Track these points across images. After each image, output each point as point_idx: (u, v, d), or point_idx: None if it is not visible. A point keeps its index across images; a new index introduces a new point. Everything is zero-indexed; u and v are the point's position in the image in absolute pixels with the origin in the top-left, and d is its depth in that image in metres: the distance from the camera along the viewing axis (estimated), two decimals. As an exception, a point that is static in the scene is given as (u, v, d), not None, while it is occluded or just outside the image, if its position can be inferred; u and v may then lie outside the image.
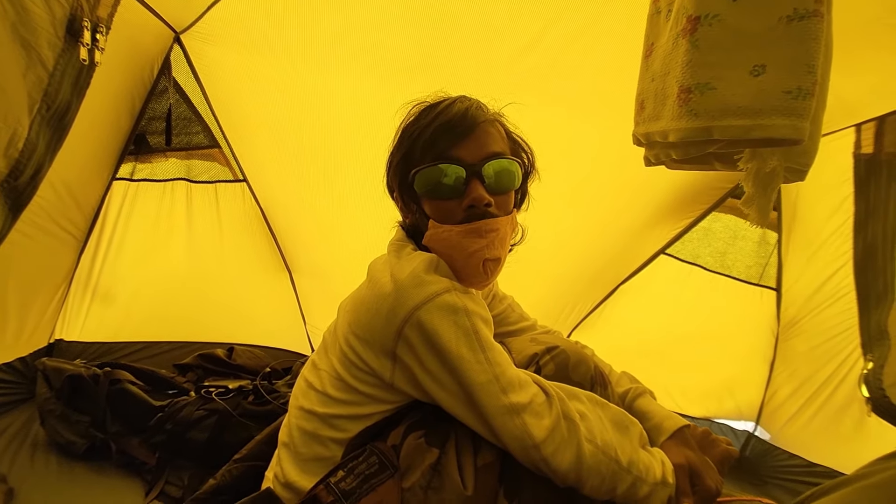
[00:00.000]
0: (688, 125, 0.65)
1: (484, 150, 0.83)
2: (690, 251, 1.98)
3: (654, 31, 0.79)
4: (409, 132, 0.87)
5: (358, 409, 0.81)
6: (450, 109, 0.84)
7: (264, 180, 1.87)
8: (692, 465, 0.82)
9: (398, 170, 0.88)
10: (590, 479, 0.73)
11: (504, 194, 0.85)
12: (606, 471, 0.73)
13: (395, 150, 0.90)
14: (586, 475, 0.72)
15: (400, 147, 0.88)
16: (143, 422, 1.47)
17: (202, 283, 1.94)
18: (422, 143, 0.83)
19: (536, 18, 1.36)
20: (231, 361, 1.85)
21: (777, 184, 0.68)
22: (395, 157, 0.89)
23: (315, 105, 1.65)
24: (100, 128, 1.50)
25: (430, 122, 0.84)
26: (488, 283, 0.88)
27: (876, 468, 0.59)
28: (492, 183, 0.82)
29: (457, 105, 0.84)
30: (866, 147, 1.46)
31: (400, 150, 0.88)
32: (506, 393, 0.72)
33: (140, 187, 1.74)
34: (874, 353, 1.52)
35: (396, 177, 0.89)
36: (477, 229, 0.81)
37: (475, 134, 0.82)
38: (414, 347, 0.73)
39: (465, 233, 0.81)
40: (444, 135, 0.82)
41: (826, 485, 0.60)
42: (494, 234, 0.82)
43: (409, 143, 0.86)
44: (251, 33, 1.46)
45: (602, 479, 0.73)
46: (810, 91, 0.59)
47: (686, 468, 0.82)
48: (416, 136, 0.85)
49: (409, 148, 0.86)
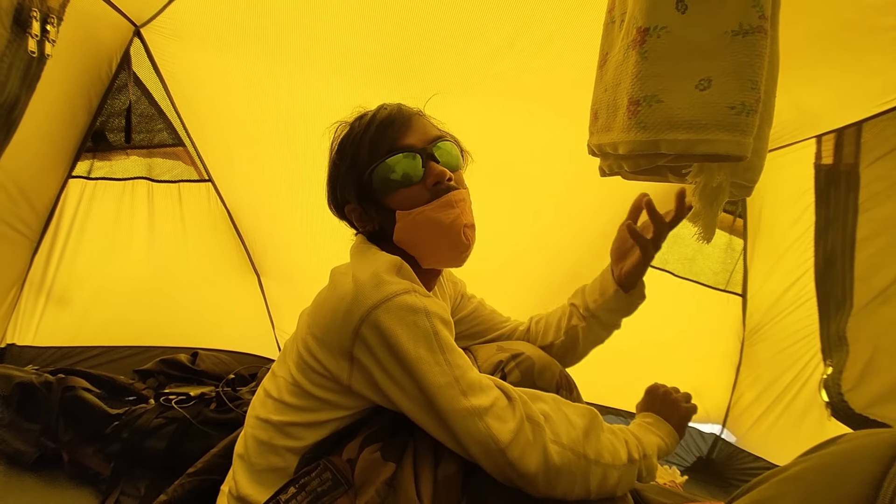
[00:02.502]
0: (636, 137, 0.65)
1: (428, 135, 0.87)
2: (660, 257, 1.99)
3: (608, 41, 0.79)
4: (349, 142, 0.88)
5: (314, 415, 0.78)
6: (381, 111, 0.88)
7: (231, 180, 1.82)
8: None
9: (348, 179, 0.88)
10: (560, 479, 0.71)
11: (457, 171, 0.89)
12: (577, 468, 0.72)
13: (337, 164, 0.91)
14: (555, 476, 0.71)
15: (343, 159, 0.89)
16: (98, 430, 1.42)
17: (165, 285, 1.88)
18: (367, 144, 0.85)
19: (507, 23, 1.36)
20: (194, 367, 1.80)
21: (723, 199, 0.69)
22: (341, 169, 0.89)
23: (283, 105, 1.62)
24: (53, 123, 1.43)
25: (368, 125, 0.86)
26: (468, 254, 0.90)
27: (793, 462, 0.61)
28: (445, 161, 0.86)
29: (385, 107, 0.89)
30: (826, 158, 1.50)
31: (344, 162, 0.89)
32: (466, 395, 0.70)
33: (98, 186, 1.67)
34: (833, 358, 1.56)
35: (348, 187, 0.89)
36: (448, 201, 0.84)
37: (414, 123, 0.87)
38: (371, 348, 0.71)
39: (439, 207, 0.84)
40: (387, 130, 0.85)
41: (751, 482, 0.62)
42: (463, 202, 0.86)
43: (352, 151, 0.87)
44: (216, 29, 1.42)
45: (573, 478, 0.72)
46: (753, 107, 0.59)
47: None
48: (357, 141, 0.86)
49: (353, 155, 0.87)
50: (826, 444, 0.65)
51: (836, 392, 1.54)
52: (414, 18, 1.36)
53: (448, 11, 1.35)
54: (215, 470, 0.97)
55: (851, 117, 1.40)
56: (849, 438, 0.63)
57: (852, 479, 0.53)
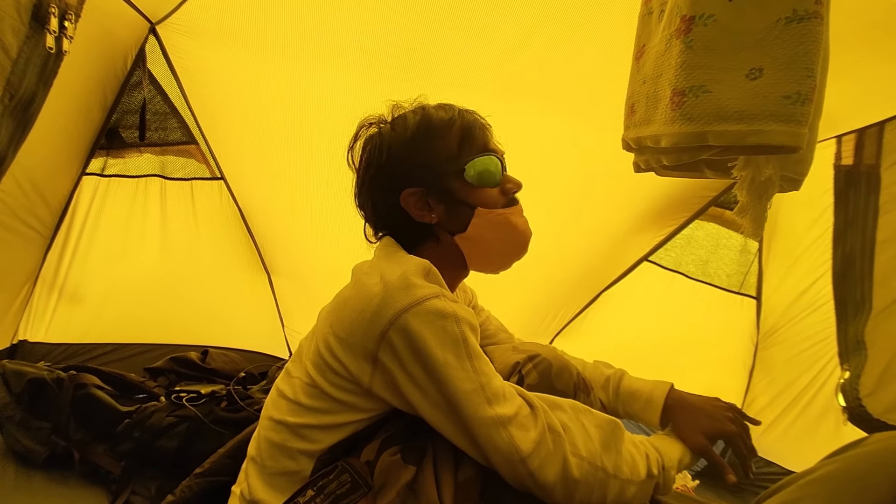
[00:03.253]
0: (681, 129, 0.62)
1: (498, 145, 0.91)
2: (673, 259, 1.99)
3: (645, 32, 0.77)
4: (420, 128, 0.85)
5: (331, 417, 0.77)
6: (464, 110, 0.89)
7: (243, 179, 1.82)
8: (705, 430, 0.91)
9: (415, 165, 0.85)
10: (577, 491, 0.71)
11: None
12: (594, 480, 0.72)
13: (395, 148, 0.86)
14: (573, 487, 0.70)
15: (410, 144, 0.85)
16: (109, 429, 1.41)
17: (176, 283, 1.87)
18: (456, 137, 0.85)
19: (523, 21, 1.34)
20: (205, 365, 1.79)
21: (772, 193, 0.66)
22: (401, 153, 0.85)
23: (297, 104, 1.61)
24: (69, 120, 1.43)
25: (452, 119, 0.87)
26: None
27: (819, 465, 0.61)
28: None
29: (456, 107, 0.90)
30: (846, 159, 1.48)
31: (410, 147, 0.85)
32: (491, 404, 0.70)
33: (111, 183, 1.67)
34: (851, 362, 1.54)
35: (413, 172, 0.85)
36: (519, 209, 0.90)
37: (491, 131, 0.91)
38: (397, 351, 0.70)
39: (517, 212, 0.89)
40: (477, 129, 0.87)
41: (775, 485, 0.61)
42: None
43: (428, 139, 0.85)
44: (231, 27, 1.42)
45: (591, 490, 0.72)
46: (809, 96, 0.57)
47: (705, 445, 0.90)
48: (438, 131, 0.85)
49: (430, 143, 0.85)
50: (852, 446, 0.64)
51: (854, 397, 1.52)
52: (427, 16, 1.35)
53: (462, 10, 1.34)
54: (223, 471, 0.96)
55: (873, 117, 1.38)
56: (875, 440, 0.62)
57: (880, 481, 0.53)
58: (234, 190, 1.84)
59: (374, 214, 0.90)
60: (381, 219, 0.90)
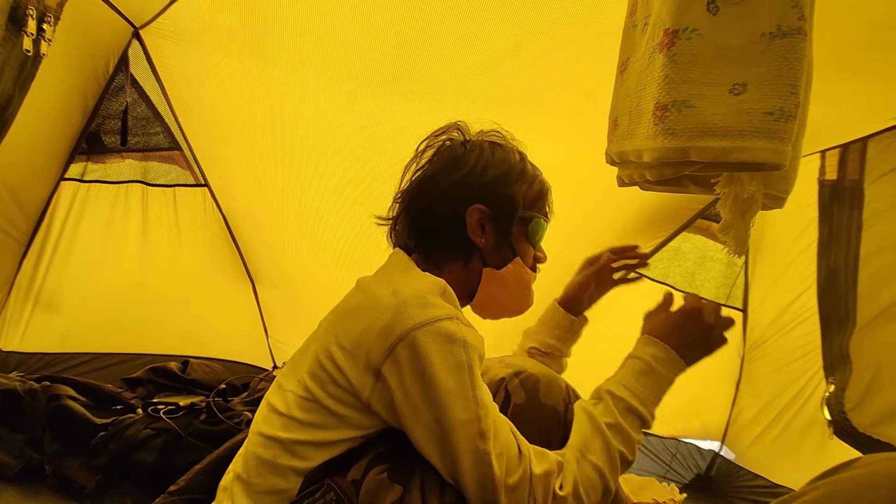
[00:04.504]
0: (664, 144, 0.62)
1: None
2: (661, 271, 1.99)
3: (629, 45, 0.77)
4: (520, 169, 0.89)
5: (325, 433, 0.74)
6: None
7: (227, 186, 1.80)
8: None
9: (504, 198, 0.86)
10: None
11: None
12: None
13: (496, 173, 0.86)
14: None
15: (510, 177, 0.87)
16: (83, 441, 1.38)
17: (157, 291, 1.84)
18: (538, 191, 0.90)
19: (510, 31, 1.34)
20: (185, 376, 1.75)
21: (755, 210, 0.66)
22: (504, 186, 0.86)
23: (283, 110, 1.59)
24: (47, 124, 1.41)
25: (540, 175, 0.92)
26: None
27: (808, 487, 0.60)
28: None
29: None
30: (830, 173, 1.50)
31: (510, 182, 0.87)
32: (483, 437, 0.68)
33: (91, 189, 1.64)
34: (836, 376, 1.55)
35: (496, 201, 0.86)
36: (534, 278, 0.92)
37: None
38: (401, 369, 0.68)
39: (534, 279, 0.92)
40: (550, 196, 0.94)
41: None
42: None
43: (521, 179, 0.88)
44: (216, 32, 1.40)
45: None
46: (792, 113, 0.57)
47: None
48: (531, 179, 0.89)
49: (520, 182, 0.88)
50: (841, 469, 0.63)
51: (839, 410, 1.52)
52: (415, 23, 1.34)
53: (448, 18, 1.34)
54: (199, 488, 0.93)
55: (856, 133, 1.39)
56: (864, 463, 0.61)
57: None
58: (218, 197, 1.81)
59: (422, 218, 0.88)
60: (426, 224, 0.87)
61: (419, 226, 0.88)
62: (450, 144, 0.89)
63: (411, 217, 0.88)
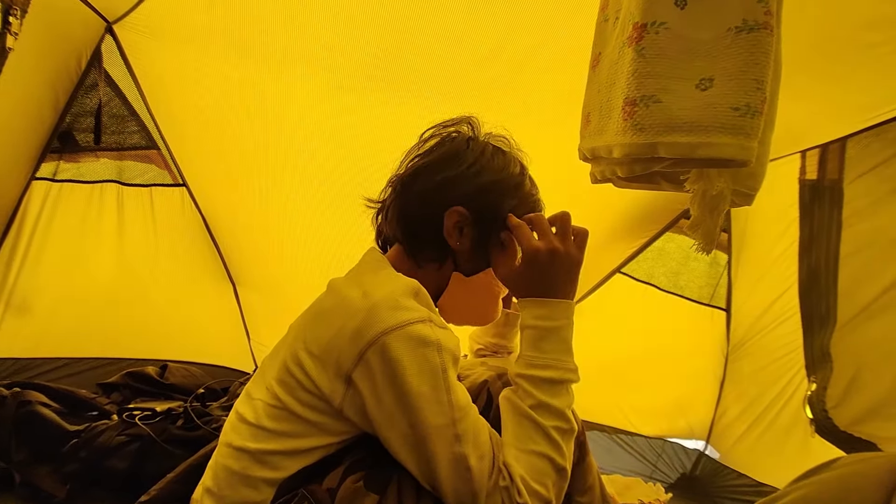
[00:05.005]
0: (632, 140, 0.61)
1: None
2: (645, 270, 2.00)
3: (601, 40, 0.76)
4: (514, 183, 0.85)
5: (297, 442, 0.72)
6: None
7: (207, 186, 1.76)
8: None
9: (489, 205, 0.82)
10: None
11: None
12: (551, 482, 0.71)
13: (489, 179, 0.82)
14: None
15: (500, 185, 0.83)
16: (54, 449, 1.34)
17: (134, 294, 1.79)
18: (526, 208, 0.85)
19: (496, 28, 1.33)
20: (163, 380, 1.72)
21: (724, 207, 0.65)
22: (493, 193, 0.82)
23: (265, 109, 1.56)
24: (16, 121, 1.36)
25: (536, 195, 0.88)
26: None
27: (788, 489, 0.60)
28: None
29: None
30: (811, 173, 1.51)
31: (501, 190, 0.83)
32: (459, 441, 0.67)
33: (64, 188, 1.59)
34: (817, 374, 1.56)
35: (479, 207, 0.81)
36: (505, 292, 0.92)
37: None
38: (373, 375, 0.66)
39: (502, 293, 0.91)
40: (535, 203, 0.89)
41: None
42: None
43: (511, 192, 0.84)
44: (193, 28, 1.37)
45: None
46: (759, 109, 0.56)
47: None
48: (522, 195, 0.85)
49: (509, 196, 0.84)
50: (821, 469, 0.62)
51: (821, 409, 1.53)
52: (398, 21, 1.33)
53: (434, 16, 1.32)
54: (171, 497, 0.90)
55: (836, 133, 1.41)
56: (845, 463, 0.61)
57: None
58: (197, 197, 1.78)
59: (410, 209, 0.85)
60: (414, 215, 0.84)
61: (407, 215, 0.84)
62: (454, 138, 0.86)
63: (401, 205, 0.85)
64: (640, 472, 2.07)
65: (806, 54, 1.18)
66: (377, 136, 1.57)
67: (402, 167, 0.87)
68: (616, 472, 2.00)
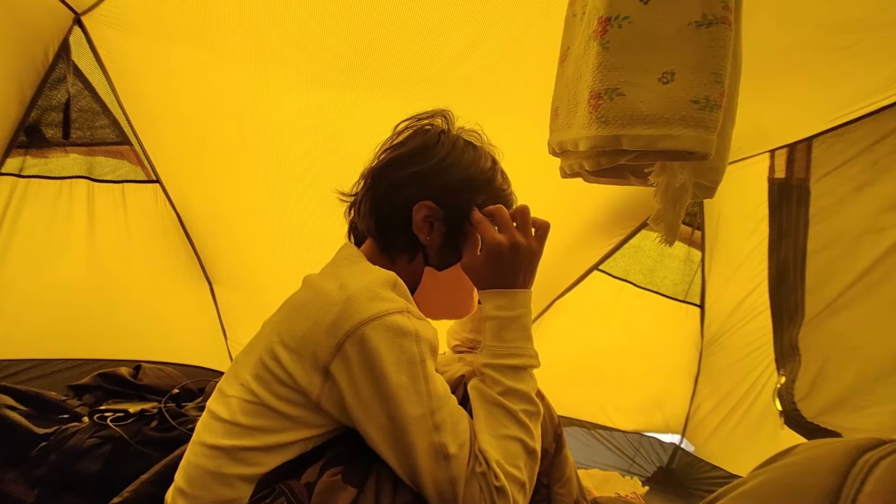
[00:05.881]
0: (597, 133, 0.62)
1: None
2: (622, 267, 2.03)
3: (569, 36, 0.77)
4: (487, 178, 0.85)
5: (275, 437, 0.71)
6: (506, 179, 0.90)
7: (181, 182, 1.72)
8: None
9: (458, 199, 0.82)
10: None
11: None
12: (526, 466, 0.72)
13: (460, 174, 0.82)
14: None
15: (472, 180, 0.83)
16: (21, 452, 1.29)
17: (106, 293, 1.75)
18: (494, 189, 0.85)
19: (470, 25, 1.34)
20: (136, 381, 1.67)
21: (686, 199, 0.67)
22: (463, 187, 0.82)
23: (239, 103, 1.54)
24: (-21, 115, 1.31)
25: (509, 191, 0.88)
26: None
27: (749, 476, 0.61)
28: None
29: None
30: (779, 172, 1.55)
31: (471, 184, 0.83)
32: (438, 431, 0.67)
33: (31, 184, 1.55)
34: (786, 367, 1.60)
35: (448, 201, 0.81)
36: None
37: None
38: (350, 366, 0.66)
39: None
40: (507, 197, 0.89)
41: (708, 498, 0.62)
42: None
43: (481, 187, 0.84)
44: (164, 20, 1.34)
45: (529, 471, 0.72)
46: (717, 102, 0.58)
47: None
48: (495, 190, 0.85)
49: (481, 190, 0.84)
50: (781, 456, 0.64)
51: (790, 401, 1.58)
52: (377, 16, 1.32)
53: (412, 9, 1.32)
54: (145, 499, 0.88)
55: (803, 133, 1.45)
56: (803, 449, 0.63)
57: (811, 490, 0.53)
58: (171, 194, 1.74)
59: (382, 202, 0.84)
60: (385, 209, 0.83)
61: (379, 209, 0.84)
62: (427, 131, 0.86)
63: (372, 199, 0.85)
64: (618, 466, 2.10)
65: (775, 57, 1.21)
66: (353, 133, 1.57)
67: (375, 159, 0.87)
68: (595, 467, 2.03)
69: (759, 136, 1.51)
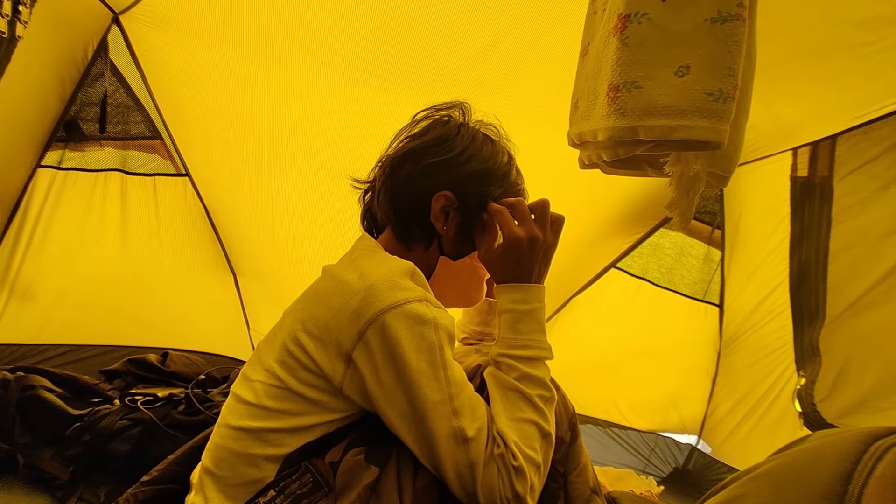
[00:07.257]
0: (615, 124, 0.65)
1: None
2: (640, 266, 2.02)
3: (590, 31, 0.80)
4: (503, 171, 0.87)
5: (299, 419, 0.73)
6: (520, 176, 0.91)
7: (209, 176, 1.78)
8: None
9: (477, 190, 0.84)
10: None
11: None
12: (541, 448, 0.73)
13: (479, 165, 0.84)
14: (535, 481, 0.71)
15: (490, 173, 0.85)
16: (57, 432, 1.36)
17: (136, 282, 1.82)
18: (509, 183, 0.86)
19: (491, 25, 1.36)
20: (164, 368, 1.74)
21: (699, 188, 0.69)
22: (480, 179, 0.84)
23: (266, 100, 1.59)
24: (23, 109, 1.38)
25: (522, 185, 0.89)
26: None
27: (764, 461, 0.62)
28: None
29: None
30: (801, 170, 1.53)
31: (489, 176, 0.85)
32: (457, 415, 0.69)
33: (69, 176, 1.62)
34: (806, 369, 1.58)
35: (467, 191, 0.83)
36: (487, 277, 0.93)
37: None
38: (372, 353, 0.68)
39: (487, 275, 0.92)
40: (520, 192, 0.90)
41: (723, 482, 0.63)
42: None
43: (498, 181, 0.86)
44: (198, 20, 1.39)
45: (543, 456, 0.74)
46: (731, 94, 0.60)
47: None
48: (511, 183, 0.87)
49: (497, 183, 0.86)
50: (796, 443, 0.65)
51: (809, 402, 1.56)
52: (399, 16, 1.35)
53: (432, 11, 1.35)
54: (173, 479, 0.92)
55: (826, 131, 1.43)
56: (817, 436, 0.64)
57: (821, 474, 0.54)
58: (199, 187, 1.80)
59: (400, 191, 0.85)
60: (404, 197, 0.85)
61: (397, 197, 0.86)
62: (446, 122, 0.88)
63: (390, 187, 0.86)
64: (633, 465, 2.09)
65: (798, 54, 1.21)
66: (374, 130, 1.59)
67: (391, 147, 0.89)
68: (609, 465, 2.03)
69: (780, 133, 1.49)
